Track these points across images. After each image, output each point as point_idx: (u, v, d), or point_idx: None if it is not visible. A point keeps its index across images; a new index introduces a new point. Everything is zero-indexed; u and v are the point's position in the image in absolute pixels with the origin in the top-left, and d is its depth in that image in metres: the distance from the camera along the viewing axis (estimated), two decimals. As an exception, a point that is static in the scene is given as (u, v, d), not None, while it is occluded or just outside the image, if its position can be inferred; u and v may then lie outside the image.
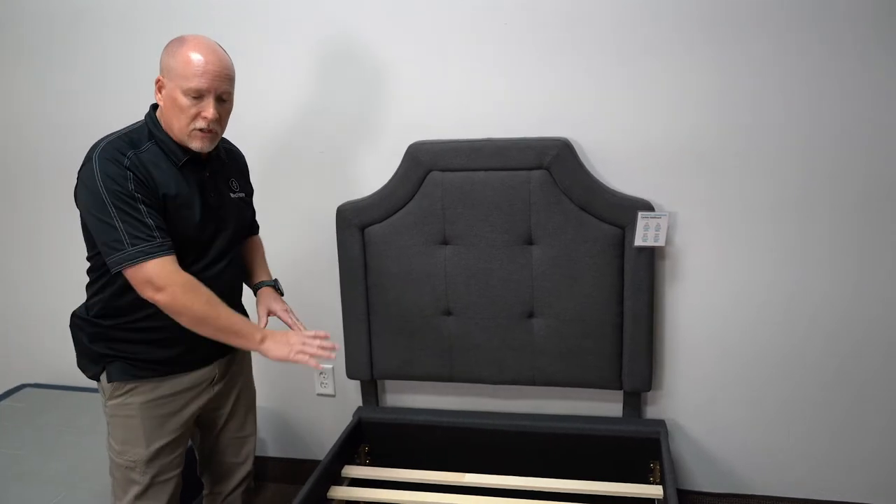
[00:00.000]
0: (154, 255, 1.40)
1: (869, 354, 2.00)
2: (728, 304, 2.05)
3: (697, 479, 2.21)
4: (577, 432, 2.09)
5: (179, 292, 1.42)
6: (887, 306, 1.96)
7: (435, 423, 2.17)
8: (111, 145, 1.45)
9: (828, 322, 2.00)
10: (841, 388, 2.04)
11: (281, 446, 2.50)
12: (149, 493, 1.59)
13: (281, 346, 1.52)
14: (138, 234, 1.39)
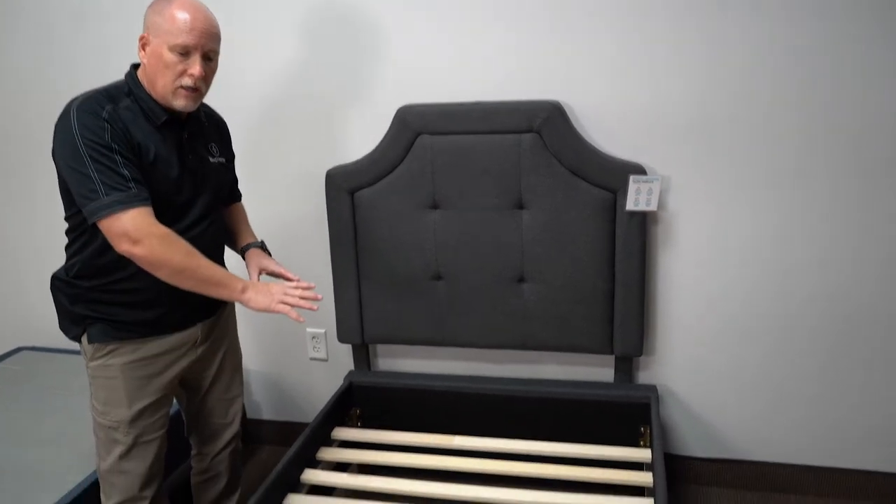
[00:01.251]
0: (130, 206, 1.39)
1: (863, 322, 1.97)
2: (721, 270, 2.02)
3: (689, 444, 2.20)
4: (567, 397, 2.09)
5: (157, 244, 1.40)
6: (882, 273, 1.92)
7: (425, 386, 2.18)
8: (90, 99, 1.44)
9: (822, 288, 1.97)
10: (834, 355, 2.02)
11: (275, 409, 2.52)
12: (132, 452, 1.60)
13: (263, 296, 1.52)
14: (114, 185, 1.38)
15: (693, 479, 2.22)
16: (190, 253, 1.46)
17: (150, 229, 1.41)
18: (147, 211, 1.41)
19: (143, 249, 1.40)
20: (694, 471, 2.21)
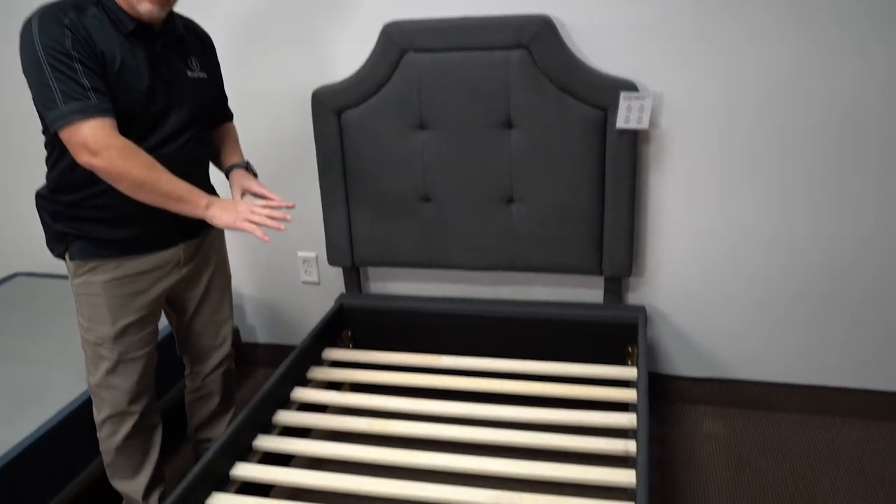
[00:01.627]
0: (89, 116, 1.35)
1: (852, 240, 1.95)
2: (714, 189, 1.99)
3: (678, 364, 2.22)
4: (556, 317, 2.10)
5: (116, 156, 1.37)
6: (871, 191, 1.89)
7: (415, 308, 2.19)
8: (53, 6, 1.39)
9: (816, 210, 1.95)
10: (823, 274, 2.01)
11: (269, 333, 2.54)
12: (119, 368, 1.63)
13: (228, 213, 1.47)
14: (73, 94, 1.35)
15: (681, 397, 2.25)
16: (150, 166, 1.42)
17: (109, 140, 1.37)
18: (108, 122, 1.38)
19: (102, 161, 1.37)
20: (682, 390, 2.24)
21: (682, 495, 1.89)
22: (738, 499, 1.87)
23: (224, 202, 1.49)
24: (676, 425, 2.16)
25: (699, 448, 2.06)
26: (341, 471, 1.68)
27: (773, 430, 2.11)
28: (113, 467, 1.72)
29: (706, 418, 2.18)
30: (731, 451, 2.04)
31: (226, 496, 1.60)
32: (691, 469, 1.98)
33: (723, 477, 1.94)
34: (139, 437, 1.72)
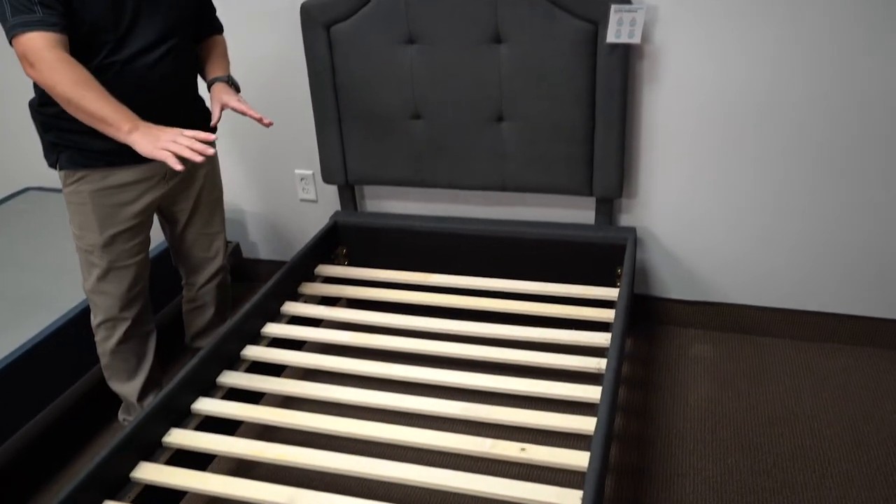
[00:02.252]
0: (30, 29, 1.37)
1: (848, 167, 1.90)
2: (708, 108, 1.94)
3: (668, 287, 2.22)
4: (546, 237, 2.10)
5: (46, 69, 1.38)
6: (872, 117, 1.82)
7: (408, 227, 2.21)
8: None
9: (811, 131, 1.89)
10: (816, 200, 1.96)
11: (270, 250, 2.60)
12: (109, 276, 1.69)
13: (148, 141, 1.43)
14: (19, 7, 1.37)
15: (671, 320, 2.26)
16: (79, 83, 1.41)
17: (45, 53, 1.38)
18: (49, 35, 1.39)
19: (35, 73, 1.40)
20: (672, 312, 2.24)
21: (659, 413, 1.92)
22: (716, 417, 1.90)
23: (149, 129, 1.45)
24: (664, 347, 2.18)
25: (684, 369, 2.08)
26: (328, 381, 1.74)
27: (760, 355, 2.12)
28: (109, 370, 1.81)
29: (694, 341, 2.19)
30: (715, 374, 2.06)
31: (212, 401, 1.68)
32: (673, 388, 2.01)
33: (703, 396, 1.97)
34: (133, 343, 1.80)
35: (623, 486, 1.72)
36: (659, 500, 1.67)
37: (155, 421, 1.54)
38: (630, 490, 1.70)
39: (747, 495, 1.67)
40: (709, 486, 1.70)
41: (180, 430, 1.59)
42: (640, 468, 1.76)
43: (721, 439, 1.83)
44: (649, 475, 1.74)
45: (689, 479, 1.72)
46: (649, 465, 1.77)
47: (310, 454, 1.51)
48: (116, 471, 1.44)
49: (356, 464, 1.48)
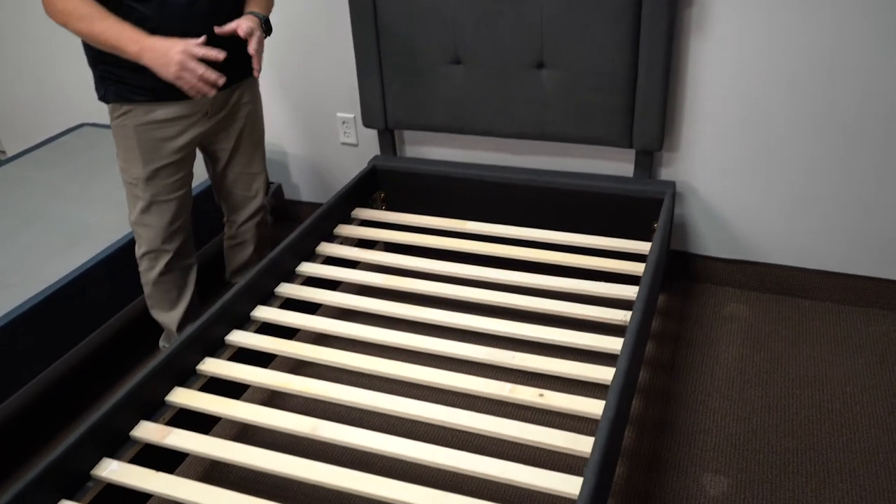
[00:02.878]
0: None
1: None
2: (760, 64, 1.87)
3: (707, 244, 2.18)
4: (582, 189, 2.07)
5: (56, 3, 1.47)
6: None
7: (446, 173, 2.21)
8: None
9: (865, 96, 1.80)
10: (864, 163, 1.88)
11: (312, 192, 2.64)
12: (151, 209, 1.75)
13: (161, 66, 1.49)
14: None
15: (707, 278, 2.22)
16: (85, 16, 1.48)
17: None
18: None
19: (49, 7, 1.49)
20: (709, 270, 2.21)
21: (687, 369, 1.91)
22: (745, 376, 1.88)
23: (157, 48, 1.48)
24: (698, 305, 2.15)
25: (717, 328, 2.05)
26: (359, 321, 1.78)
27: (797, 317, 2.07)
28: (151, 299, 1.89)
29: (731, 300, 2.16)
30: (749, 333, 2.02)
31: (245, 333, 1.74)
32: (704, 346, 1.99)
33: (734, 355, 1.95)
34: (174, 275, 1.87)
35: (643, 437, 1.73)
36: (679, 453, 1.68)
37: (190, 349, 1.61)
38: (650, 442, 1.71)
39: (769, 454, 1.66)
40: (731, 444, 1.69)
41: (214, 360, 1.66)
42: (662, 422, 1.77)
43: (748, 398, 1.81)
44: (671, 429, 1.74)
45: (711, 436, 1.72)
46: (672, 420, 1.77)
47: (335, 388, 1.56)
48: (152, 393, 1.52)
49: (380, 400, 1.52)
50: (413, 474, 1.62)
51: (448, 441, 1.72)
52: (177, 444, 1.45)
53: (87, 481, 1.37)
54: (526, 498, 1.57)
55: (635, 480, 1.63)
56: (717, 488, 1.59)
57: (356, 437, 1.43)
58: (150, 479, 1.37)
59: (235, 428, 1.80)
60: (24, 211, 2.17)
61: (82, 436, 1.35)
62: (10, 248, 1.99)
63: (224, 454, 1.42)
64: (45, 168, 2.42)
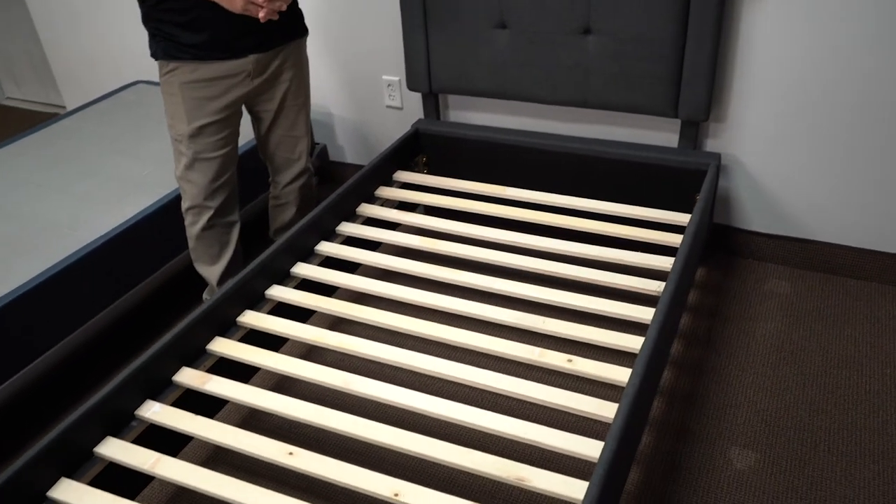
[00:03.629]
0: None
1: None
2: (813, 34, 1.81)
3: (752, 219, 2.14)
4: (624, 158, 2.05)
5: None
6: None
7: (488, 138, 2.21)
8: None
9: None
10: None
11: (356, 155, 2.67)
12: (195, 166, 1.80)
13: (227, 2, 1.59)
14: None
15: (750, 253, 2.19)
16: None
17: None
18: None
19: None
20: (752, 245, 2.17)
21: (722, 343, 1.90)
22: (781, 353, 1.85)
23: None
24: (738, 279, 2.12)
25: (756, 303, 2.02)
26: (396, 282, 1.81)
27: (841, 296, 2.03)
28: (195, 253, 1.95)
29: (772, 277, 2.12)
30: (788, 310, 1.99)
31: (284, 289, 1.79)
32: (741, 321, 1.97)
33: (772, 332, 1.92)
34: (216, 230, 1.92)
35: (672, 408, 1.73)
36: (707, 426, 1.68)
37: (231, 302, 1.67)
38: (678, 413, 1.72)
39: (800, 431, 1.65)
40: (762, 419, 1.69)
41: (254, 313, 1.71)
42: (692, 394, 1.76)
43: (782, 375, 1.79)
44: (701, 401, 1.74)
45: (742, 410, 1.71)
46: (703, 392, 1.76)
47: (370, 345, 1.60)
48: (194, 342, 1.59)
49: (412, 359, 1.56)
50: (441, 431, 1.66)
51: (476, 401, 1.75)
52: (216, 391, 1.51)
53: (131, 420, 1.45)
54: (549, 460, 1.60)
55: (661, 450, 1.63)
56: (744, 462, 1.59)
57: (387, 393, 1.48)
58: (190, 421, 1.44)
59: (273, 379, 1.86)
60: (80, 163, 2.25)
61: (128, 378, 1.43)
62: (67, 199, 2.08)
63: (260, 402, 1.48)
64: (102, 123, 2.50)
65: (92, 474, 1.36)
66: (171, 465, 1.36)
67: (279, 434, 1.71)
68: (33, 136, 2.45)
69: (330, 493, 1.56)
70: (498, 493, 1.56)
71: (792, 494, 1.52)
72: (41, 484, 1.29)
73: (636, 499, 1.53)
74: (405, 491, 1.27)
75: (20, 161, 2.29)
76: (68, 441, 1.33)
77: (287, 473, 1.59)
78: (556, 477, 1.28)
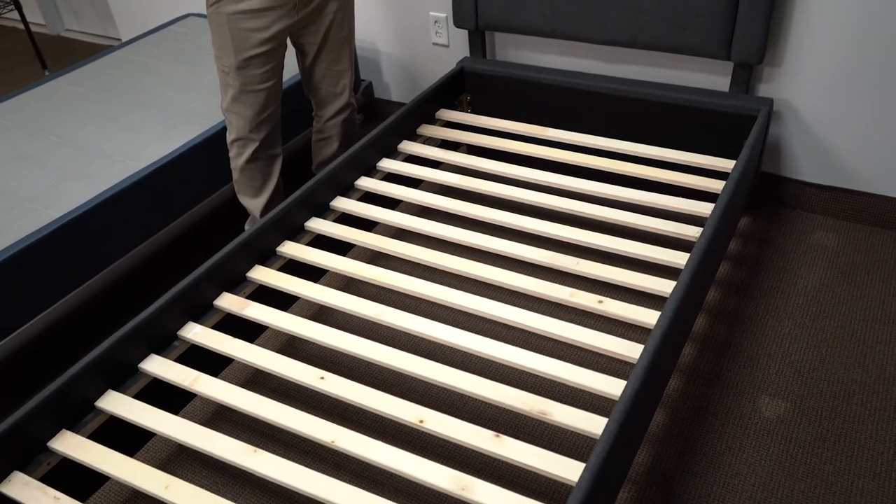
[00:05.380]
0: None
1: None
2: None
3: (803, 168, 2.08)
4: (672, 101, 2.00)
5: None
6: None
7: (533, 78, 2.17)
8: None
9: None
10: None
11: (401, 92, 2.66)
12: (241, 98, 1.83)
13: None
14: None
15: (798, 203, 2.13)
16: None
17: None
18: None
19: None
20: (801, 195, 2.11)
21: (761, 293, 1.87)
22: (822, 305, 1.82)
23: None
24: (783, 230, 2.07)
25: (800, 255, 1.98)
26: (434, 219, 1.83)
27: (889, 251, 1.97)
28: (238, 184, 2.00)
29: (819, 228, 2.07)
30: (834, 263, 1.94)
31: (323, 221, 1.83)
32: (783, 271, 1.93)
33: (814, 284, 1.88)
34: (260, 163, 1.96)
35: (704, 354, 1.72)
36: (739, 374, 1.67)
37: (271, 232, 1.72)
38: (710, 360, 1.71)
39: (834, 384, 1.63)
40: (795, 370, 1.67)
41: (293, 244, 1.76)
42: (726, 342, 1.75)
43: (821, 328, 1.76)
44: (735, 350, 1.73)
45: (775, 360, 1.70)
46: (737, 341, 1.75)
47: (405, 279, 1.63)
48: (234, 269, 1.64)
49: (446, 294, 1.58)
50: (468, 364, 1.69)
51: (505, 337, 1.76)
52: (255, 316, 1.57)
53: (173, 340, 1.52)
54: (573, 397, 1.62)
55: (690, 395, 1.64)
56: (773, 411, 1.59)
57: (418, 325, 1.51)
58: (229, 344, 1.50)
59: (309, 309, 1.92)
60: (132, 94, 2.31)
61: (171, 300, 1.49)
62: (118, 129, 2.14)
63: (297, 329, 1.53)
64: (153, 55, 2.55)
65: (137, 388, 1.44)
66: (210, 384, 1.43)
67: (313, 360, 1.77)
68: (88, 66, 2.52)
69: (359, 418, 1.62)
70: (521, 425, 1.59)
71: (820, 444, 1.51)
72: (90, 394, 1.38)
73: (661, 440, 1.55)
74: (430, 418, 1.31)
75: (76, 91, 2.36)
76: (116, 356, 1.40)
77: (318, 397, 1.65)
78: (579, 412, 1.30)
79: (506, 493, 1.18)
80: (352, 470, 1.53)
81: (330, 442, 1.29)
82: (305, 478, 1.24)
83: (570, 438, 1.56)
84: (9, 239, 1.71)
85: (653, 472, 1.50)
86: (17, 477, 1.27)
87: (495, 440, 1.27)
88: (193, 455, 1.59)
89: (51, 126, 2.17)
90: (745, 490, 1.45)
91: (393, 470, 1.24)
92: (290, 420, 1.34)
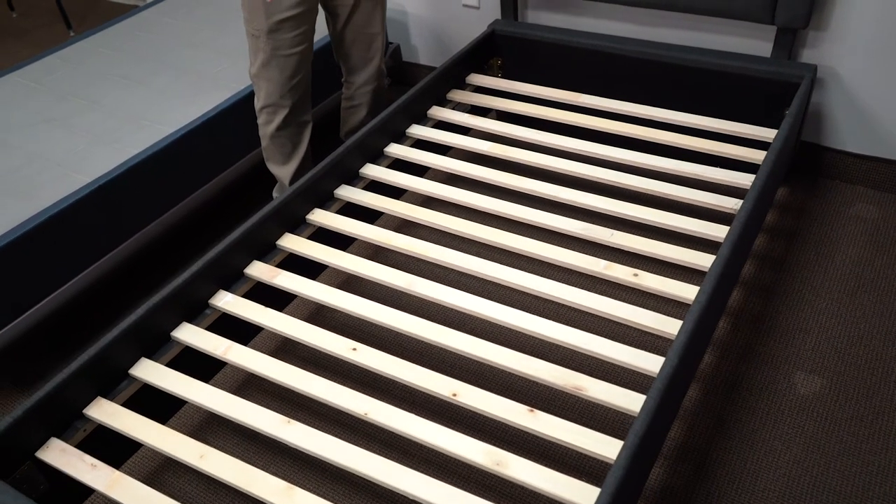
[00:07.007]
0: None
1: None
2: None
3: (845, 138, 2.01)
4: (711, 67, 1.94)
5: None
6: None
7: (566, 42, 2.11)
8: None
9: None
10: None
11: (430, 55, 2.61)
12: (272, 63, 1.79)
13: None
14: None
15: (838, 174, 2.07)
16: None
17: None
18: None
19: None
20: (841, 166, 2.05)
21: (798, 266, 1.83)
22: (860, 280, 1.78)
23: None
24: (823, 201, 2.02)
25: (839, 227, 1.93)
26: (464, 187, 1.80)
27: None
28: (268, 152, 1.98)
29: (860, 200, 2.01)
30: (874, 236, 1.89)
31: (353, 189, 1.81)
32: (820, 244, 1.88)
33: (853, 257, 1.84)
34: (289, 130, 1.93)
35: (738, 329, 1.70)
36: (774, 349, 1.64)
37: (301, 200, 1.70)
38: (745, 334, 1.68)
39: (872, 361, 1.60)
40: (832, 346, 1.64)
41: (322, 212, 1.74)
42: (762, 316, 1.72)
43: (860, 303, 1.73)
44: (770, 324, 1.70)
45: (811, 336, 1.66)
46: (773, 315, 1.72)
47: (435, 249, 1.61)
48: (264, 237, 1.63)
49: (476, 264, 1.56)
50: (501, 337, 1.68)
51: (537, 310, 1.74)
52: (285, 285, 1.56)
53: (204, 308, 1.52)
54: (607, 372, 1.61)
55: (723, 370, 1.62)
56: (809, 388, 1.56)
57: (450, 296, 1.49)
58: (260, 312, 1.50)
59: (339, 277, 1.91)
60: (159, 56, 2.28)
61: (202, 268, 1.48)
62: (145, 92, 2.12)
63: (327, 298, 1.52)
64: (178, 16, 2.51)
65: (169, 356, 1.44)
66: (242, 353, 1.43)
67: (343, 330, 1.76)
68: (115, 27, 2.49)
69: (390, 389, 1.62)
70: (553, 399, 1.58)
71: (857, 422, 1.49)
72: (124, 361, 1.38)
73: (693, 415, 1.53)
74: (463, 392, 1.31)
75: (103, 53, 2.34)
76: (149, 324, 1.40)
77: (350, 367, 1.65)
78: (615, 388, 1.28)
79: (541, 469, 1.18)
80: (381, 440, 1.53)
81: (363, 414, 1.28)
82: (339, 450, 1.24)
83: (602, 413, 1.55)
84: (40, 204, 1.72)
85: (685, 447, 1.48)
86: (55, 443, 1.28)
87: (529, 415, 1.26)
88: (224, 423, 1.60)
89: (78, 89, 2.16)
90: (780, 467, 1.43)
91: (428, 444, 1.24)
92: (324, 391, 1.33)
